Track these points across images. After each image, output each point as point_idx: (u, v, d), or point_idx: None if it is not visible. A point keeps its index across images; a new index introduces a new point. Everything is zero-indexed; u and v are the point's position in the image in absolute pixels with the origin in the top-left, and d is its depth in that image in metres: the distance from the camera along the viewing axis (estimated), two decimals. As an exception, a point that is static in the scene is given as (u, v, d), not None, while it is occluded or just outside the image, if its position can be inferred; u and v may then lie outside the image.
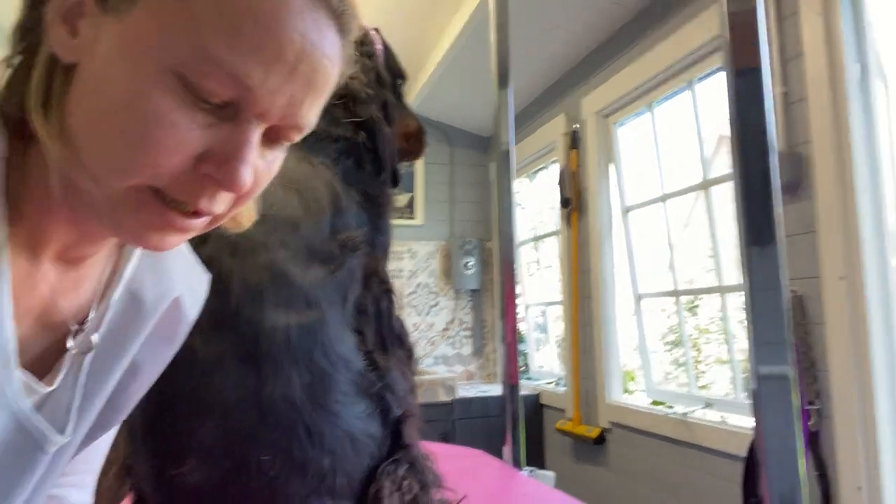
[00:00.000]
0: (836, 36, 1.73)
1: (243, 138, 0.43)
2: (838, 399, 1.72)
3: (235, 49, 0.41)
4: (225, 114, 0.43)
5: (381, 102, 1.06)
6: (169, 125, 0.41)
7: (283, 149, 0.49)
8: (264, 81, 0.42)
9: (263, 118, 0.44)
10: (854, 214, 1.69)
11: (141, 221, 0.44)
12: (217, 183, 0.44)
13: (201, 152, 0.43)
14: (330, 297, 0.85)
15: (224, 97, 0.42)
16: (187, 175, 0.43)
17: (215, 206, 0.46)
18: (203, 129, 0.42)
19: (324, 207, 0.90)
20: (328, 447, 0.77)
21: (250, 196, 0.49)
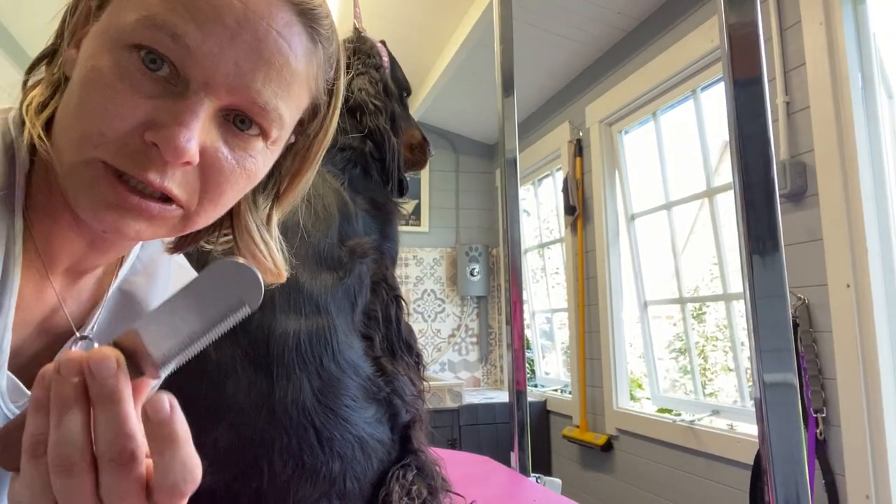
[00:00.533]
0: (838, 45, 1.74)
1: (186, 106, 0.44)
2: (846, 407, 1.72)
3: (174, 10, 0.42)
4: (174, 89, 0.44)
5: (389, 113, 1.08)
6: (113, 91, 0.42)
7: (255, 144, 0.48)
8: (202, 42, 0.43)
9: (209, 88, 0.44)
10: (859, 221, 1.69)
11: (95, 198, 0.44)
12: (158, 145, 0.43)
13: (146, 120, 0.43)
14: (339, 304, 0.86)
15: (165, 58, 0.43)
16: (133, 144, 0.43)
17: (168, 182, 0.45)
18: (148, 98, 0.43)
19: (332, 215, 0.92)
20: (338, 451, 0.79)
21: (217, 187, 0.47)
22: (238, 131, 0.47)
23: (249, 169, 0.49)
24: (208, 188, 0.47)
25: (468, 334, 4.26)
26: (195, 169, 0.46)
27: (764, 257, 0.76)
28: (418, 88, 3.67)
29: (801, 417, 1.05)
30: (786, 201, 1.89)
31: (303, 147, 0.57)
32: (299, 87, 0.49)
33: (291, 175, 0.58)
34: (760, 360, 0.77)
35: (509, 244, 1.60)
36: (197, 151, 0.44)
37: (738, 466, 2.12)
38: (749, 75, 0.80)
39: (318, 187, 0.93)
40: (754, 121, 0.79)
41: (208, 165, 0.46)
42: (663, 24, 2.55)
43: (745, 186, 0.78)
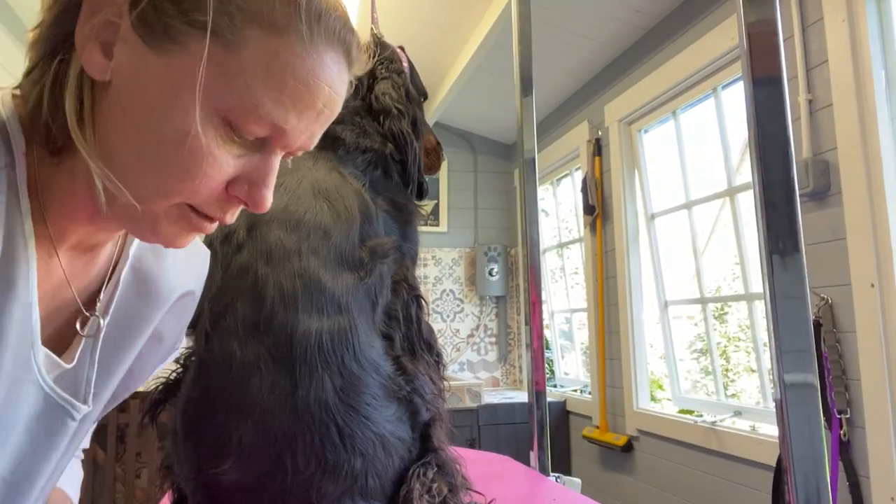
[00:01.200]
0: (861, 42, 1.72)
1: (269, 167, 0.51)
2: (870, 408, 1.70)
3: (279, 103, 0.47)
4: (255, 145, 0.50)
5: (411, 118, 1.09)
6: (212, 160, 0.47)
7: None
8: (297, 126, 0.49)
9: (287, 149, 0.52)
10: (884, 220, 1.67)
11: (176, 230, 0.51)
12: (244, 203, 0.51)
13: (234, 177, 0.50)
14: (360, 303, 0.88)
15: (259, 135, 0.49)
16: (219, 195, 0.50)
17: (229, 218, 0.53)
18: (236, 159, 0.49)
19: (354, 216, 0.93)
20: (360, 449, 0.80)
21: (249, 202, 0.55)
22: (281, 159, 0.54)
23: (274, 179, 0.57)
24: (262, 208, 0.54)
25: (487, 334, 4.26)
26: None
27: (784, 257, 0.76)
28: (437, 89, 3.68)
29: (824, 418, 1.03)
30: (809, 200, 1.87)
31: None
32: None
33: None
34: (781, 360, 0.76)
35: (528, 244, 1.61)
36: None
37: (761, 468, 2.10)
38: (769, 74, 0.80)
39: (341, 188, 0.95)
40: (774, 120, 0.78)
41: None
42: (683, 22, 2.53)
43: (764, 186, 0.77)
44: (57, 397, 0.54)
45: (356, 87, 1.12)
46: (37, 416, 0.53)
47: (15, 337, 0.48)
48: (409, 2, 2.93)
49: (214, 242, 0.90)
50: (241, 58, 0.45)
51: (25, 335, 0.49)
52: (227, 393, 0.80)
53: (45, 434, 0.54)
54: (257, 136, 0.49)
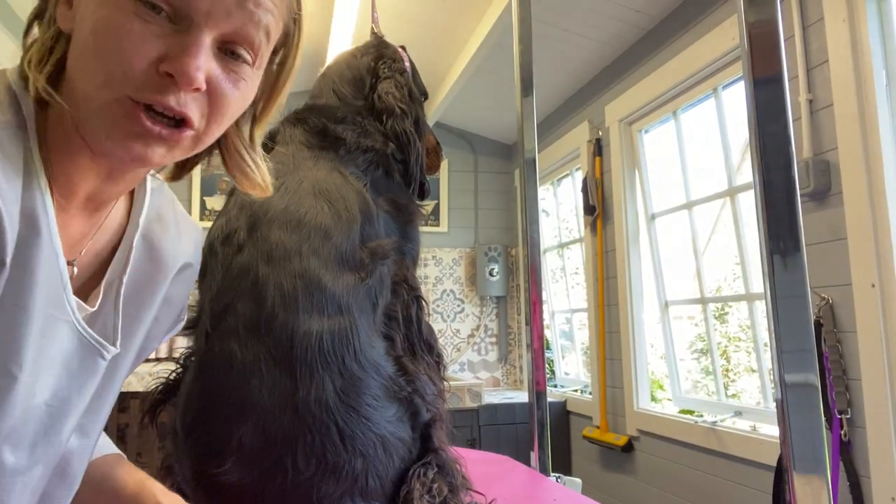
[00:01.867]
0: (862, 42, 1.72)
1: (191, 39, 0.51)
2: (871, 408, 1.70)
3: None
4: (177, 27, 0.51)
5: (414, 118, 1.09)
6: (126, 34, 0.50)
7: (245, 70, 0.57)
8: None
9: (210, 17, 0.52)
10: (884, 220, 1.67)
11: (125, 129, 0.51)
12: (172, 75, 0.51)
13: (160, 55, 0.51)
14: (361, 304, 0.88)
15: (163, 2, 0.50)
16: (152, 77, 0.51)
17: (186, 108, 0.53)
18: (158, 37, 0.51)
19: (354, 216, 0.93)
20: (360, 449, 0.80)
21: (220, 108, 0.56)
22: (230, 60, 0.56)
23: (243, 91, 0.58)
24: (213, 111, 0.56)
25: (487, 334, 4.26)
26: (202, 95, 0.54)
27: (785, 257, 0.76)
28: (437, 89, 3.68)
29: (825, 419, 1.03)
30: (809, 200, 1.87)
31: (275, 73, 0.65)
32: (278, 13, 0.58)
33: (266, 98, 0.66)
34: (781, 360, 0.76)
35: (528, 244, 1.61)
36: (204, 78, 0.53)
37: (761, 468, 2.10)
38: (769, 74, 0.80)
39: (342, 189, 0.95)
40: (775, 120, 0.78)
41: (212, 91, 0.55)
42: (683, 22, 2.53)
43: (765, 186, 0.77)
44: (89, 337, 0.59)
45: (358, 86, 1.12)
46: (71, 353, 0.58)
47: (45, 276, 0.52)
48: (410, 2, 2.93)
49: (215, 243, 0.90)
50: None
51: (55, 276, 0.54)
52: (228, 393, 0.80)
53: (79, 370, 0.60)
54: (170, 3, 0.50)
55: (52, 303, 0.54)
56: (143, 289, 0.67)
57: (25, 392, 0.53)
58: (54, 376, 0.57)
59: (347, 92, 1.12)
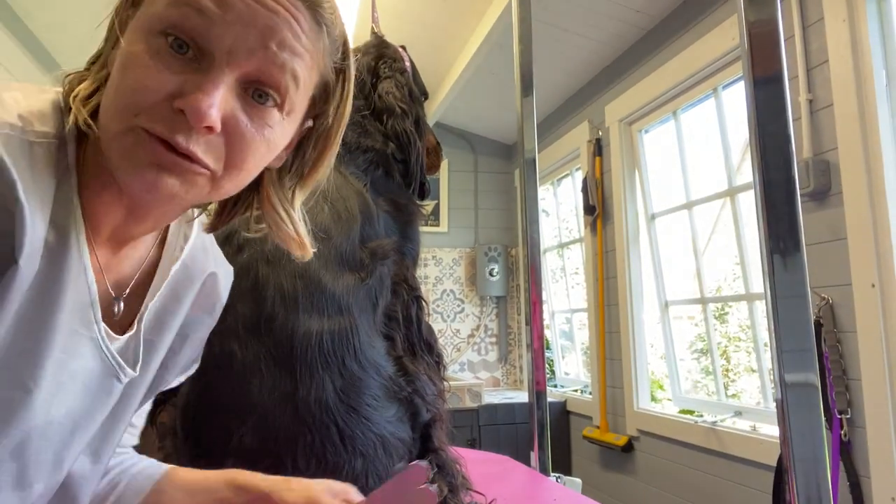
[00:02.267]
0: (862, 42, 1.72)
1: (209, 77, 0.50)
2: (871, 408, 1.70)
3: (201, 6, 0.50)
4: (198, 66, 0.51)
5: (414, 117, 1.10)
6: (147, 68, 0.50)
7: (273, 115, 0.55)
8: (223, 15, 0.50)
9: (231, 56, 0.51)
10: (884, 220, 1.67)
11: (136, 158, 0.50)
12: (185, 111, 0.49)
13: (175, 91, 0.50)
14: (361, 304, 0.88)
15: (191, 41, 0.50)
16: (165, 112, 0.50)
17: (193, 146, 0.51)
18: (177, 73, 0.50)
19: (355, 216, 0.93)
20: (360, 449, 0.80)
21: (239, 151, 0.54)
22: (256, 104, 0.54)
23: (268, 138, 0.55)
24: (231, 154, 0.53)
25: (487, 334, 4.26)
26: (219, 137, 0.52)
27: (785, 257, 0.76)
28: (437, 89, 3.68)
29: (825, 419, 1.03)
30: (809, 200, 1.87)
31: (322, 129, 0.63)
32: (311, 60, 0.55)
33: (314, 157, 0.64)
34: (781, 360, 0.76)
35: (528, 244, 1.61)
36: (219, 118, 0.51)
37: (761, 468, 2.10)
38: (769, 73, 0.80)
39: (342, 189, 0.95)
40: (775, 120, 0.78)
41: (230, 132, 0.53)
42: (683, 22, 2.53)
43: (765, 186, 0.77)
44: (110, 358, 0.60)
45: (359, 86, 1.12)
46: (91, 372, 0.58)
47: (73, 290, 0.53)
48: (410, 2, 2.93)
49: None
50: None
51: (83, 291, 0.54)
52: (228, 393, 0.80)
53: (97, 390, 0.59)
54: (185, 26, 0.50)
55: (79, 318, 0.55)
56: (165, 312, 0.67)
57: (40, 407, 0.53)
58: (72, 393, 0.56)
59: None
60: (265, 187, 0.63)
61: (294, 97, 0.55)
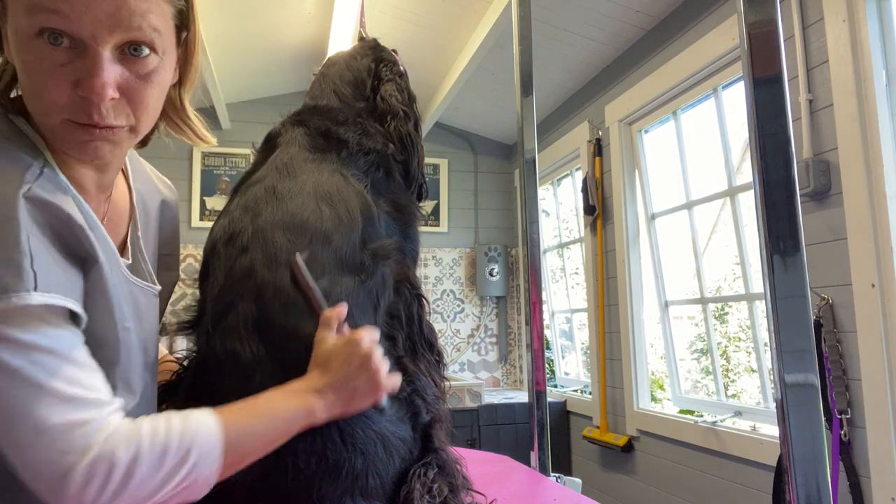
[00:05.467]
0: (862, 42, 1.72)
1: (90, 60, 0.61)
2: (871, 408, 1.70)
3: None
4: (77, 52, 0.61)
5: (414, 121, 1.10)
6: (45, 72, 0.61)
7: (152, 60, 0.66)
8: (72, 7, 0.59)
9: (96, 37, 0.61)
10: (884, 220, 1.67)
11: (77, 141, 0.64)
12: (85, 95, 0.61)
13: (74, 81, 0.61)
14: (361, 305, 0.88)
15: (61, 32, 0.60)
16: (76, 102, 0.62)
17: (111, 118, 0.64)
18: (66, 66, 0.61)
19: (356, 218, 0.93)
20: (361, 448, 0.80)
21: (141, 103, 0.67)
22: (135, 57, 0.65)
23: (155, 81, 0.68)
24: (135, 106, 0.66)
25: (487, 334, 4.27)
26: (121, 99, 0.65)
27: (785, 257, 0.76)
28: (437, 89, 3.68)
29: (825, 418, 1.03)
30: (809, 200, 1.87)
31: (190, 38, 0.75)
32: (158, 4, 0.65)
33: (189, 61, 0.77)
34: (781, 360, 0.76)
35: (528, 244, 1.61)
36: (114, 88, 0.63)
37: (761, 468, 2.10)
38: (769, 74, 0.80)
39: (343, 191, 0.95)
40: (775, 120, 0.78)
41: (126, 93, 0.65)
42: (683, 23, 2.53)
43: (765, 186, 0.77)
44: (142, 286, 0.78)
45: (359, 87, 1.12)
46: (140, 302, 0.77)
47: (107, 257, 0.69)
48: (411, 2, 2.93)
49: (218, 244, 0.90)
50: None
51: (112, 254, 0.71)
52: (229, 392, 0.80)
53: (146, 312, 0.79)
54: (50, 27, 0.59)
55: (119, 273, 0.72)
56: (146, 232, 0.84)
57: (137, 334, 0.73)
58: (144, 321, 0.76)
59: (348, 93, 1.12)
60: (165, 108, 0.77)
61: (160, 39, 0.66)
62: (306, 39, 3.40)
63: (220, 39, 3.10)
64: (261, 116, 3.93)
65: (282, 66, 3.69)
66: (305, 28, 3.28)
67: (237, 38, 3.25)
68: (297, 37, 3.37)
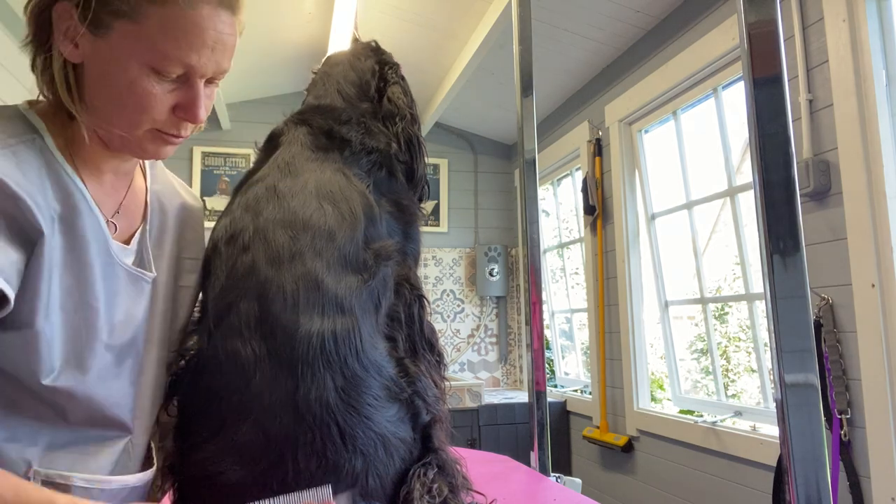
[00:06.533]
0: (862, 42, 1.72)
1: (195, 92, 0.76)
2: (871, 408, 1.70)
3: (178, 48, 0.72)
4: (180, 81, 0.75)
5: (418, 122, 1.11)
6: (152, 96, 0.74)
7: (216, 85, 0.81)
8: (199, 60, 0.74)
9: (204, 77, 0.77)
10: (884, 220, 1.67)
11: (154, 147, 0.79)
12: (187, 120, 0.78)
13: (173, 105, 0.76)
14: (363, 305, 0.88)
15: (178, 73, 0.74)
16: (169, 119, 0.77)
17: (186, 132, 0.80)
18: (170, 93, 0.75)
19: (358, 218, 0.94)
20: (361, 449, 0.80)
21: (201, 120, 0.80)
22: (211, 84, 0.80)
23: (214, 96, 0.83)
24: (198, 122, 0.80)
25: (487, 334, 4.27)
26: None
27: (785, 257, 0.76)
28: (437, 89, 3.68)
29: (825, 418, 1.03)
30: (809, 200, 1.87)
31: None
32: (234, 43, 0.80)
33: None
34: (781, 360, 0.76)
35: (528, 244, 1.61)
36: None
37: (761, 468, 2.10)
38: (769, 74, 0.80)
39: (345, 190, 0.95)
40: (775, 120, 0.78)
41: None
42: (683, 23, 2.53)
43: (765, 186, 0.77)
44: (131, 269, 0.82)
45: (363, 88, 1.13)
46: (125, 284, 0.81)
47: (93, 236, 0.75)
48: (411, 2, 2.93)
49: (219, 243, 0.90)
50: (147, 26, 0.71)
51: (100, 235, 0.77)
52: (229, 391, 0.80)
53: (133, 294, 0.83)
54: (177, 73, 0.74)
55: (103, 252, 0.78)
56: (161, 230, 0.91)
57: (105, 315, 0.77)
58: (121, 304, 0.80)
59: (352, 93, 1.12)
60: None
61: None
62: (306, 39, 3.40)
63: (220, 39, 3.10)
64: (261, 116, 3.93)
65: (282, 66, 3.69)
66: (305, 28, 3.28)
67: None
68: (297, 37, 3.38)
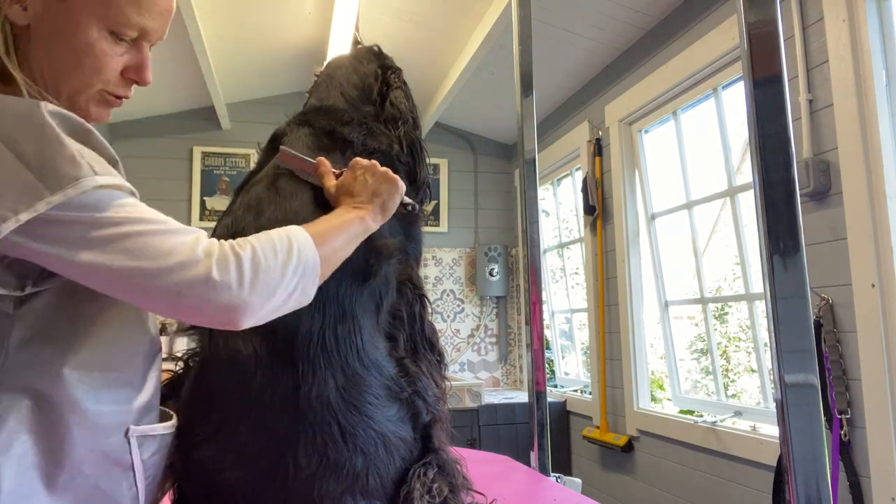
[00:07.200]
0: (862, 42, 1.72)
1: (143, 55, 0.80)
2: (871, 408, 1.70)
3: (141, 13, 0.76)
4: (132, 47, 0.78)
5: (420, 127, 1.12)
6: (108, 58, 0.76)
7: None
8: (153, 25, 0.78)
9: (150, 43, 0.80)
10: (884, 220, 1.67)
11: (98, 110, 0.79)
12: (138, 82, 0.80)
13: (124, 67, 0.78)
14: (364, 305, 0.88)
15: (132, 37, 0.77)
16: (119, 80, 0.79)
17: (130, 94, 0.82)
18: (121, 55, 0.77)
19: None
20: (361, 448, 0.80)
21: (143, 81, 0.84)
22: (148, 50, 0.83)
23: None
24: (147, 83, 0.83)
25: (487, 334, 4.27)
26: None
27: (785, 258, 0.76)
28: (437, 89, 3.68)
29: (825, 418, 1.03)
30: (809, 200, 1.87)
31: None
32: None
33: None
34: (781, 360, 0.76)
35: (528, 244, 1.61)
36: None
37: (761, 468, 2.10)
38: (769, 74, 0.80)
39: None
40: (774, 120, 0.78)
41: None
42: (683, 23, 2.53)
43: (765, 186, 0.78)
44: None
45: (366, 91, 1.13)
46: None
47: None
48: (411, 3, 2.93)
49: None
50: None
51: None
52: (230, 391, 0.80)
53: None
54: (132, 37, 0.77)
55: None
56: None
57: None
58: None
59: (355, 96, 1.12)
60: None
61: None
62: (306, 39, 3.40)
63: (220, 39, 3.10)
64: (261, 116, 3.93)
65: (282, 66, 3.69)
66: (305, 28, 3.28)
67: (237, 37, 3.25)
68: (297, 37, 3.38)
